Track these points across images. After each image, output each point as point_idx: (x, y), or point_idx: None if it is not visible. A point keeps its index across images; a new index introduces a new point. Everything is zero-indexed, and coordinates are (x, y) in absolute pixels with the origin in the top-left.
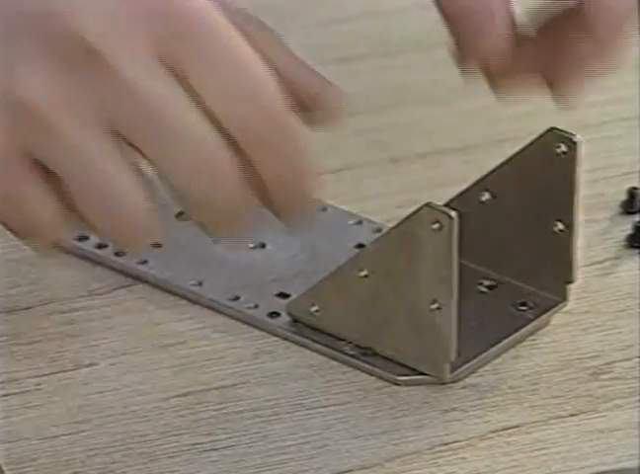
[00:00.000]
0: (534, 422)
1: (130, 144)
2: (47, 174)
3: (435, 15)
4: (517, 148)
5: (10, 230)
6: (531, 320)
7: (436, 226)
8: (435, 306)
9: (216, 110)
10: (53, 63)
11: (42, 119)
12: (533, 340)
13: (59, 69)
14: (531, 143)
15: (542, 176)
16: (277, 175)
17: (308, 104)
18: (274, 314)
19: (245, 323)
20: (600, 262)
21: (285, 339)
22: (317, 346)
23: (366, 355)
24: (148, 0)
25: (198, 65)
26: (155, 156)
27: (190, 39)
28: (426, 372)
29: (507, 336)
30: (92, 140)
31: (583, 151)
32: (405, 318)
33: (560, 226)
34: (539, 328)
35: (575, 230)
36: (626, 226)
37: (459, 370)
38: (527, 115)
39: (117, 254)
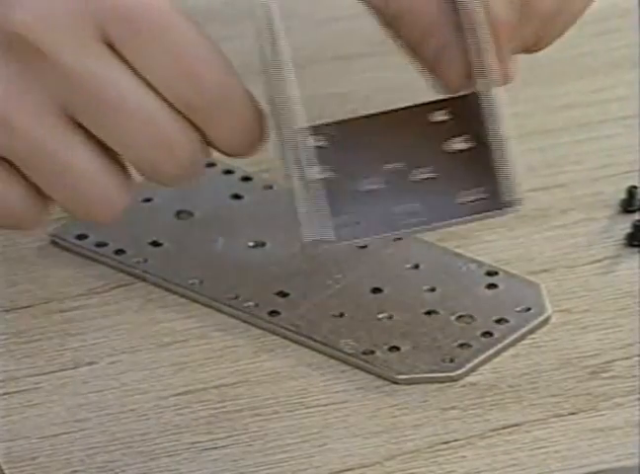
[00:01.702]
0: (534, 420)
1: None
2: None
3: None
4: (516, 148)
5: None
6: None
7: None
8: None
9: (158, 86)
10: (4, 64)
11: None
12: (533, 338)
13: (7, 67)
14: None
15: None
16: (225, 143)
17: None
18: (273, 313)
19: (244, 322)
20: (600, 260)
21: (285, 337)
22: (316, 344)
23: (366, 353)
24: None
25: (136, 44)
26: (109, 136)
27: (127, 20)
28: (426, 371)
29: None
30: (49, 129)
31: None
32: None
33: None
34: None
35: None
36: (626, 225)
37: (460, 370)
38: (527, 114)
39: (116, 252)
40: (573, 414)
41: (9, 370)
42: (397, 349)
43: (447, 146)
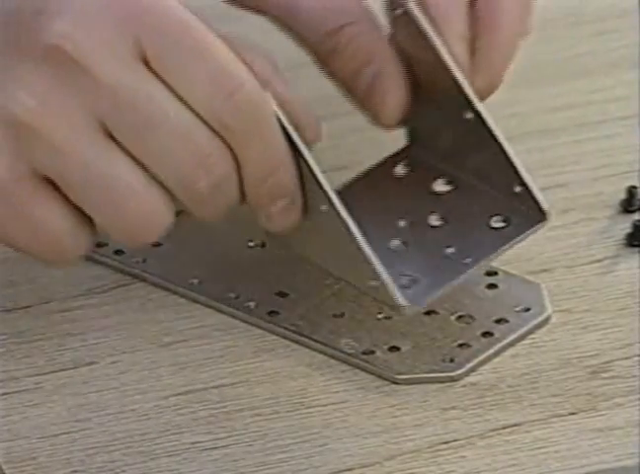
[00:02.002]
0: (534, 420)
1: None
2: (57, 189)
3: None
4: (516, 148)
5: (33, 256)
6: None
7: None
8: None
9: (194, 103)
10: (41, 76)
11: (38, 132)
12: (533, 338)
13: (47, 81)
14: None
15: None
16: (253, 167)
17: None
18: (273, 313)
19: (245, 322)
20: (600, 260)
21: (285, 337)
22: (316, 344)
23: (366, 353)
24: (126, 6)
25: (174, 61)
26: (146, 152)
27: (165, 37)
28: (426, 371)
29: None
30: (90, 144)
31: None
32: None
33: (470, 115)
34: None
35: (485, 119)
36: (625, 225)
37: (460, 370)
38: (527, 114)
39: (116, 252)
40: (573, 414)
41: (9, 370)
42: (397, 349)
43: (436, 188)
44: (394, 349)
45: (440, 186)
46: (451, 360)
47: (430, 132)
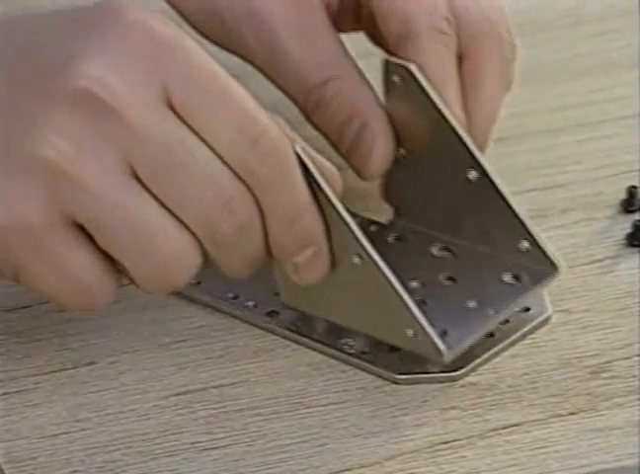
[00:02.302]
0: (534, 420)
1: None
2: (86, 235)
3: None
4: (516, 148)
5: (60, 302)
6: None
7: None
8: None
9: (220, 150)
10: (73, 119)
11: (70, 175)
12: (533, 338)
13: (79, 124)
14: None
15: (410, 112)
16: (277, 212)
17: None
18: (273, 313)
19: (244, 322)
20: (600, 260)
21: (285, 337)
22: (316, 344)
23: (366, 353)
24: (154, 53)
25: (201, 107)
26: (172, 195)
27: (193, 83)
28: (426, 370)
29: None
30: (119, 187)
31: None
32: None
33: (474, 173)
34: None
35: (491, 175)
36: (626, 225)
37: (453, 352)
38: (527, 114)
39: None
40: (573, 414)
41: (9, 370)
42: (397, 349)
43: (435, 252)
44: (394, 349)
45: (438, 251)
46: (451, 361)
47: (418, 205)
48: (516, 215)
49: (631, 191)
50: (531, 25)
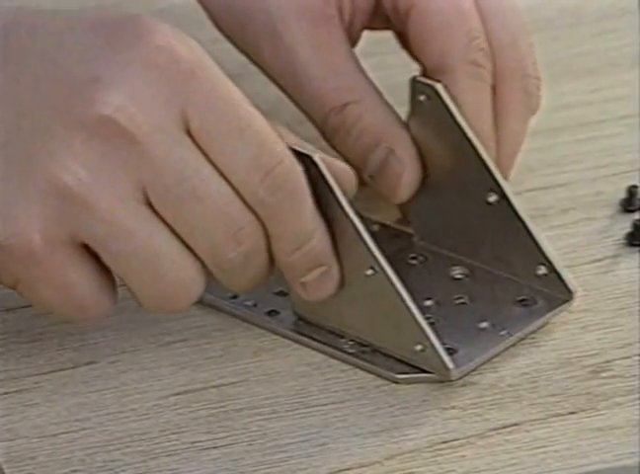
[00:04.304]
0: (534, 420)
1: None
2: (87, 252)
3: None
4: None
5: (56, 313)
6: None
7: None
8: None
9: (233, 179)
10: (92, 146)
11: (84, 201)
12: (533, 338)
13: (98, 151)
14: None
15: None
16: (284, 238)
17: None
18: (273, 312)
19: (244, 321)
20: (600, 260)
21: (285, 337)
22: (316, 344)
23: (366, 352)
24: (177, 79)
25: (217, 137)
26: (182, 222)
27: (210, 114)
28: (426, 370)
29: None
30: (131, 213)
31: (446, 96)
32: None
33: (494, 197)
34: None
35: (511, 199)
36: (625, 224)
37: (460, 369)
38: None
39: None
40: (573, 413)
41: (9, 370)
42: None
43: (453, 275)
44: None
45: (456, 273)
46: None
47: (438, 226)
48: (534, 240)
49: (631, 190)
50: (531, 25)
